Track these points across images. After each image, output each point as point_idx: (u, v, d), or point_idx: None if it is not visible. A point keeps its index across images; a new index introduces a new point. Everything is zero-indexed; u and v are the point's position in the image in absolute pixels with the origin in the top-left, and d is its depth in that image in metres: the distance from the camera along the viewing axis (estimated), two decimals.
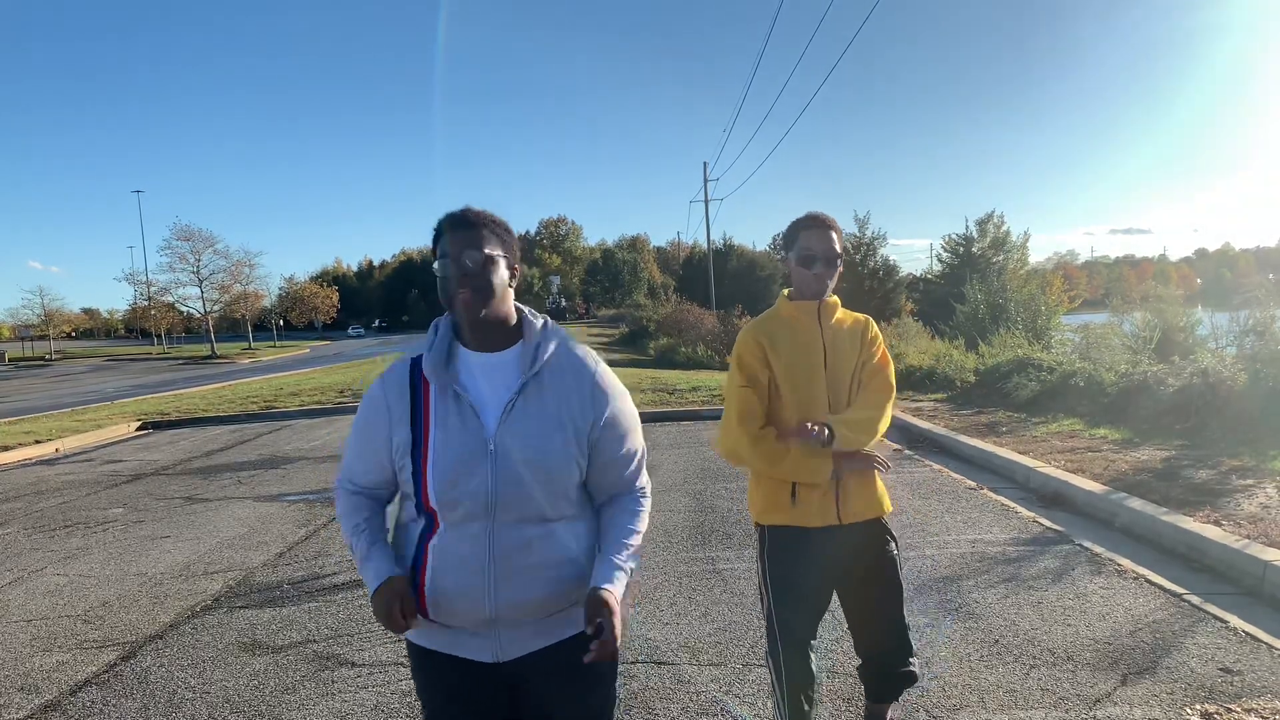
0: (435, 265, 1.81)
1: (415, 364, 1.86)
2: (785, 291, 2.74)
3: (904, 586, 2.77)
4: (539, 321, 1.87)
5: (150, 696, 3.72)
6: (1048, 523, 5.76)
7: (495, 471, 1.76)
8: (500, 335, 1.85)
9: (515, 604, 1.78)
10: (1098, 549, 5.12)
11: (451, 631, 1.83)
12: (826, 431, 2.52)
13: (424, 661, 1.91)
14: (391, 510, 2.01)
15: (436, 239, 1.83)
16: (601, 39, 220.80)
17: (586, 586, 1.78)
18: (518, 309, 1.89)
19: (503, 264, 1.81)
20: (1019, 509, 6.16)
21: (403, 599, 1.78)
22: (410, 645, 1.93)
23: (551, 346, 1.85)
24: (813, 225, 2.61)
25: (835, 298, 2.69)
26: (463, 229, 1.80)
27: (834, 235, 2.62)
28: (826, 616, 2.80)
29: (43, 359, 58.19)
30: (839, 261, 2.63)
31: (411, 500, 1.86)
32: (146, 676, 3.94)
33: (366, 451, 1.91)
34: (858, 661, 2.90)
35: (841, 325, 2.69)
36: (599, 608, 1.71)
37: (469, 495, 1.76)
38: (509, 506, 1.77)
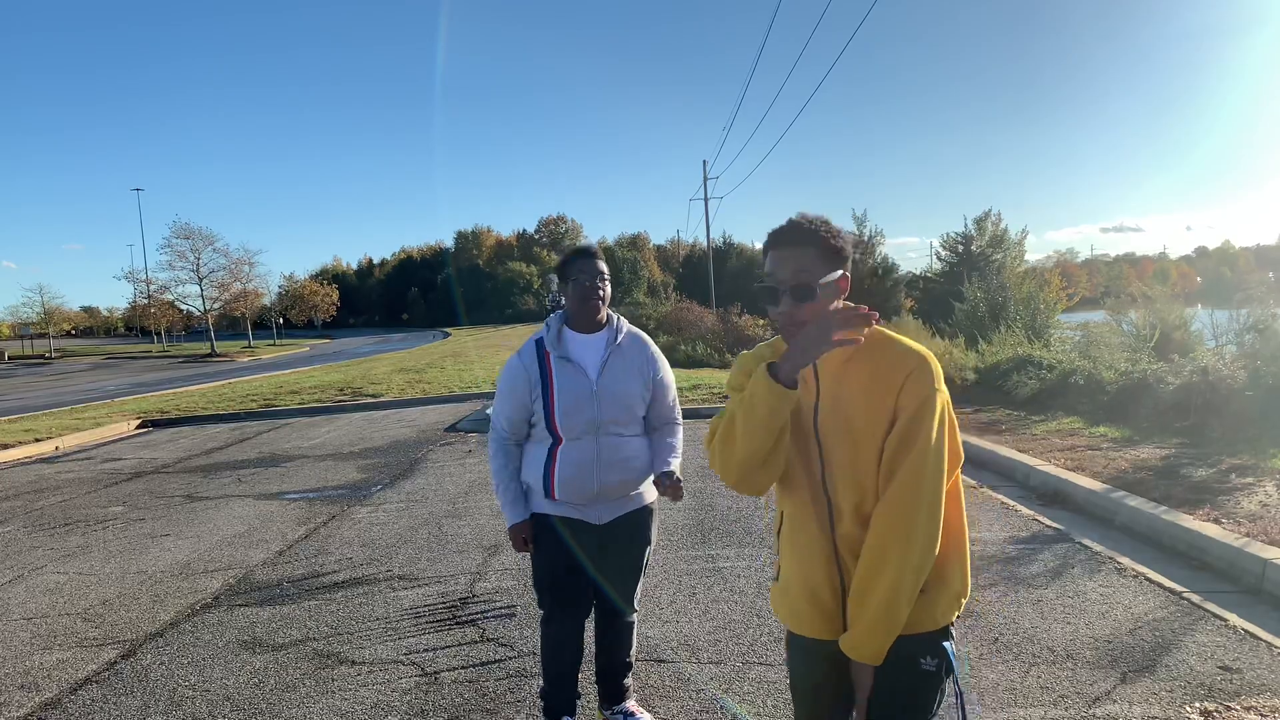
0: (572, 280, 2.88)
1: (539, 342, 2.95)
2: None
3: None
4: (615, 315, 3.01)
5: (150, 694, 3.72)
6: (1047, 521, 5.76)
7: (598, 405, 2.88)
8: (596, 323, 2.96)
9: (608, 486, 2.91)
10: (1097, 547, 5.12)
11: (570, 505, 2.92)
12: None
13: (550, 524, 2.95)
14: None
15: (569, 261, 2.92)
16: (601, 36, 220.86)
17: (647, 474, 3.00)
18: None
19: (609, 283, 2.95)
20: (1019, 507, 6.16)
21: (526, 533, 2.97)
22: (539, 517, 2.97)
23: (624, 330, 3.02)
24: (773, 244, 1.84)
25: None
26: (592, 258, 2.91)
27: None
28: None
29: (43, 357, 58.13)
30: None
31: (543, 426, 2.91)
32: (147, 674, 3.95)
33: (513, 403, 2.95)
34: None
35: None
36: (668, 476, 2.92)
37: (582, 420, 2.87)
38: (606, 426, 2.90)
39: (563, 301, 3.00)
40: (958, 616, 1.84)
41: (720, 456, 1.84)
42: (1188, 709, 3.16)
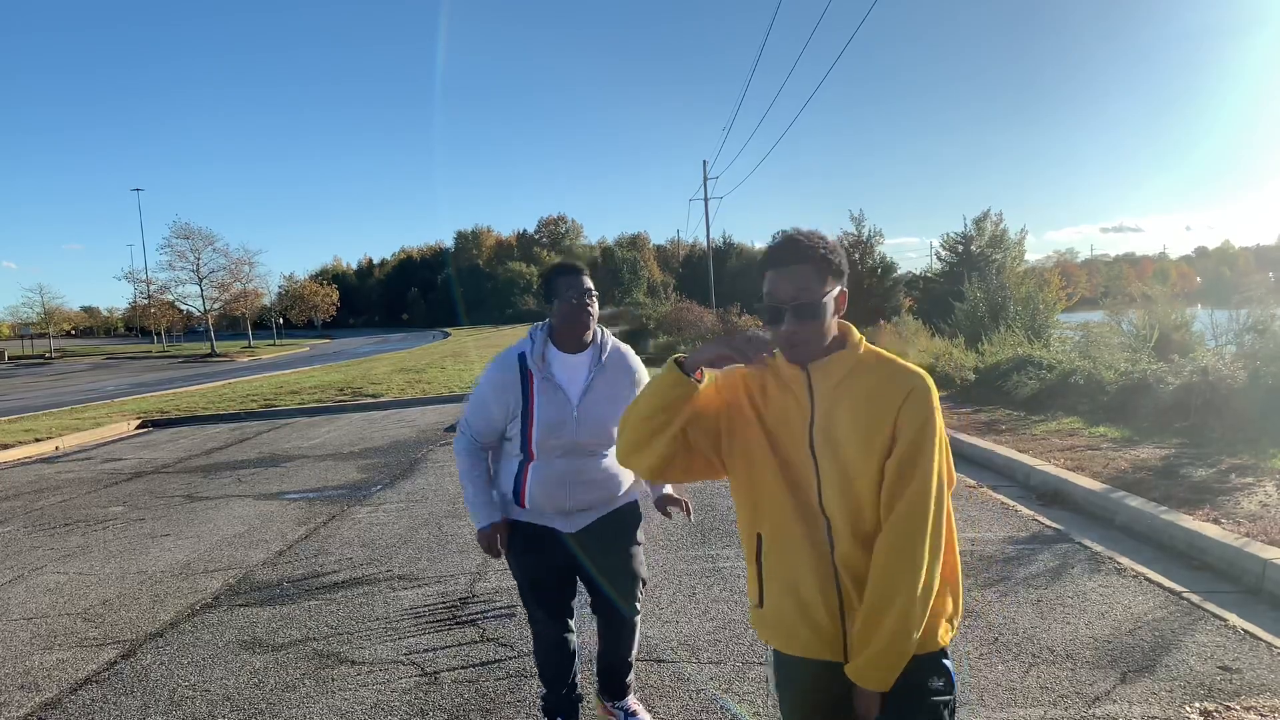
0: (558, 298, 2.73)
1: (521, 356, 2.81)
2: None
3: None
4: (600, 331, 2.88)
5: (150, 694, 3.72)
6: (1047, 521, 5.76)
7: (577, 428, 2.79)
8: (583, 343, 2.84)
9: (581, 502, 2.85)
10: (1097, 547, 5.12)
11: (540, 514, 2.86)
12: None
13: (523, 531, 2.88)
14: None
15: (554, 277, 2.78)
16: (601, 36, 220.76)
17: (623, 487, 2.92)
18: None
19: (597, 300, 2.82)
20: (1018, 507, 6.16)
21: (500, 535, 2.86)
22: (514, 524, 2.89)
23: (609, 349, 2.88)
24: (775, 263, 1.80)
25: None
26: (579, 274, 2.80)
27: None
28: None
29: (43, 357, 58.13)
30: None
31: (517, 444, 2.83)
32: (147, 674, 3.95)
33: (484, 419, 2.86)
34: None
35: None
36: (669, 498, 2.93)
37: (560, 442, 2.78)
38: (582, 448, 2.81)
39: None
40: (953, 638, 1.84)
41: (620, 429, 1.94)
42: (1187, 709, 3.16)
